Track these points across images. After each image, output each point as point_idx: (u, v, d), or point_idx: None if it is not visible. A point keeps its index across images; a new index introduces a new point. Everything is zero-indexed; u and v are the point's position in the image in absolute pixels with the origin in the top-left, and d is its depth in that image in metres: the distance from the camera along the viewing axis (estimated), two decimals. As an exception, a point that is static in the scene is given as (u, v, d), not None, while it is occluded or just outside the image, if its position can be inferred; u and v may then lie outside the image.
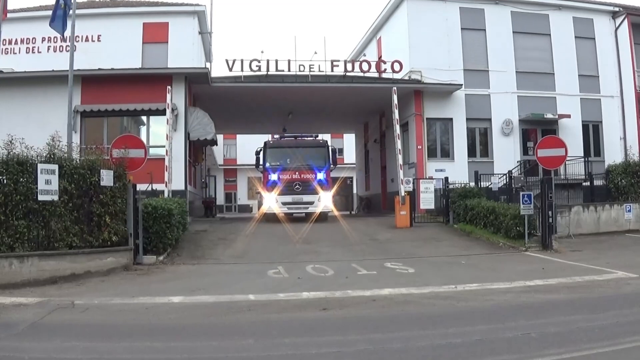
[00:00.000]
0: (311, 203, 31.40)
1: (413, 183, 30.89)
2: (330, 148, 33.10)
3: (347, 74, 34.71)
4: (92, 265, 17.78)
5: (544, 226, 23.02)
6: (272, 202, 31.26)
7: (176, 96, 29.63)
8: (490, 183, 31.34)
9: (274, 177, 31.46)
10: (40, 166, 16.83)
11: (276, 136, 36.27)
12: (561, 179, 33.00)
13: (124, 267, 18.72)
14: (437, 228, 28.98)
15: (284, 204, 31.28)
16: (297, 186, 31.33)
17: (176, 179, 28.40)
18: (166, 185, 25.79)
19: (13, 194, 16.58)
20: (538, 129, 37.08)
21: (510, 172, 32.01)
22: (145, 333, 11.07)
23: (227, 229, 28.77)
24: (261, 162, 32.62)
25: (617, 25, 38.69)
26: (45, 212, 17.17)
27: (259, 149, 32.93)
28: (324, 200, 31.68)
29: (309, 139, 34.98)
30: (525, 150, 36.68)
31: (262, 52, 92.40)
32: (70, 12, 23.15)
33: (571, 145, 27.87)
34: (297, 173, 31.61)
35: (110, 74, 30.75)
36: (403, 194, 29.22)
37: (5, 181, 16.68)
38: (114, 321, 12.02)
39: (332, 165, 32.62)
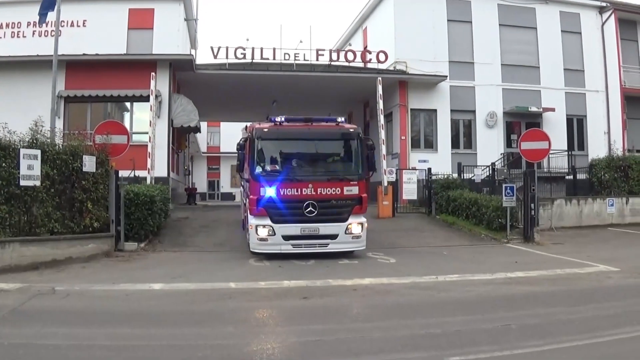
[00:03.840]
0: (333, 237, 18.79)
1: (396, 173, 30.89)
2: (365, 140, 20.09)
3: (332, 63, 34.58)
4: (73, 252, 17.79)
5: (526, 218, 23.12)
6: (265, 234, 18.52)
7: (160, 83, 29.50)
8: (473, 175, 31.39)
9: (269, 191, 18.45)
10: (22, 151, 16.71)
11: (274, 119, 19.62)
12: (544, 172, 33.09)
13: (105, 253, 18.81)
14: (420, 219, 29.00)
15: (287, 238, 18.52)
16: (309, 208, 18.44)
17: (159, 165, 28.29)
18: (149, 172, 25.71)
19: (-5, 178, 16.45)
20: (522, 121, 37.13)
21: (493, 164, 32.02)
22: (125, 319, 11.09)
23: (209, 217, 28.70)
24: (247, 162, 19.82)
25: (603, 21, 38.74)
26: (27, 198, 17.12)
27: (242, 141, 20.29)
28: (356, 231, 19.03)
29: (328, 124, 20.06)
30: (508, 143, 36.71)
31: (247, 39, 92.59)
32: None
33: (555, 139, 27.93)
34: (309, 186, 18.58)
35: (95, 59, 30.56)
36: (386, 184, 29.20)
37: (-13, 166, 16.57)
38: (95, 307, 12.03)
39: (368, 172, 19.92)
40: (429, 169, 30.92)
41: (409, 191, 30.29)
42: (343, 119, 20.41)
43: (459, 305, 12.15)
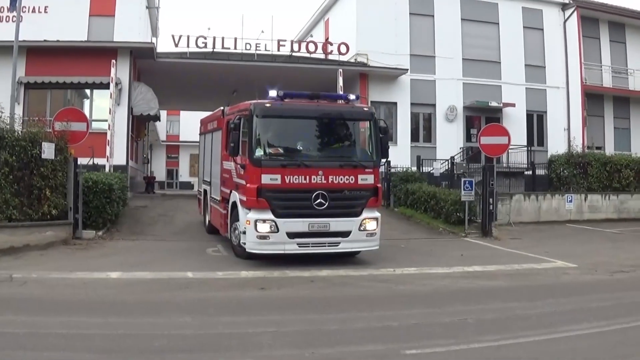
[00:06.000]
0: (345, 234, 16.08)
1: (356, 166, 30.74)
2: (379, 122, 17.33)
3: (294, 54, 34.41)
4: (31, 239, 17.60)
5: (485, 213, 23.19)
6: (266, 230, 15.49)
7: (121, 70, 29.12)
8: (432, 168, 31.44)
9: (272, 179, 15.58)
10: (-19, 137, 16.48)
11: (273, 94, 16.43)
12: (503, 167, 33.18)
13: (63, 241, 18.60)
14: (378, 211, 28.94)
15: (293, 235, 15.64)
16: (319, 200, 15.68)
17: (118, 153, 27.95)
18: (107, 160, 25.47)
19: (-47, 165, 16.18)
20: (482, 116, 37.24)
21: (452, 158, 32.16)
22: (83, 308, 10.97)
23: (167, 206, 28.50)
24: (243, 144, 16.25)
25: (566, 17, 38.97)
26: (-15, 184, 16.82)
27: (237, 119, 16.49)
28: (370, 228, 16.44)
29: (340, 102, 17.92)
30: (468, 137, 36.76)
31: (208, 29, 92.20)
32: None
33: (514, 134, 28.03)
34: (319, 173, 15.78)
35: (56, 45, 29.96)
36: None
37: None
38: (52, 296, 11.93)
39: (382, 158, 17.52)
40: (388, 162, 30.65)
41: (368, 184, 30.17)
42: (355, 96, 17.91)
43: (416, 299, 12.15)
